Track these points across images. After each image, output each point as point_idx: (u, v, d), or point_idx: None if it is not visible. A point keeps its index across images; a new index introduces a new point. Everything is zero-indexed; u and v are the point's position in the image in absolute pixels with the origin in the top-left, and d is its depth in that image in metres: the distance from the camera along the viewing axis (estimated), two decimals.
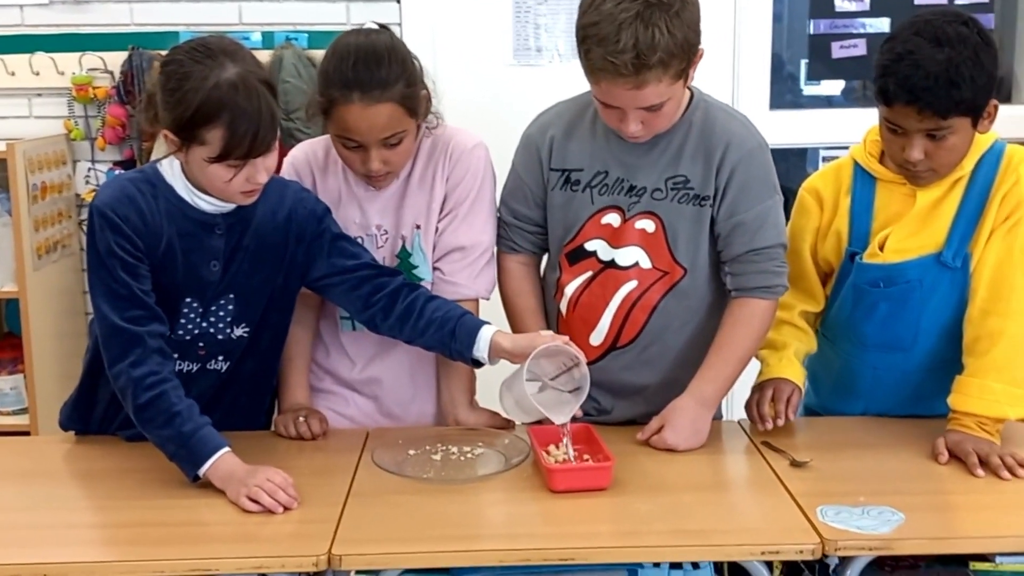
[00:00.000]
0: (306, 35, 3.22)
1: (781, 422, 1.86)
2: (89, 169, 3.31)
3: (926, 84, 1.70)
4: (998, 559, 1.55)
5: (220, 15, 3.23)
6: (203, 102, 1.61)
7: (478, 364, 1.87)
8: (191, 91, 1.62)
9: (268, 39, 3.22)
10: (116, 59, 3.24)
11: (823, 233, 1.94)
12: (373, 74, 1.78)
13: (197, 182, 1.74)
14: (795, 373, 1.92)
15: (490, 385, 1.93)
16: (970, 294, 1.83)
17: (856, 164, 1.92)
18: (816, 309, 1.99)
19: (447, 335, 1.84)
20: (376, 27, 1.87)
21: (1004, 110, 3.35)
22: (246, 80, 1.63)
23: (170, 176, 1.76)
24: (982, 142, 1.83)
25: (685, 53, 1.70)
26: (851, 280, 1.90)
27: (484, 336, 1.82)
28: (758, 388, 1.93)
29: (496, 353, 1.82)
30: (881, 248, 1.87)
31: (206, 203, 1.76)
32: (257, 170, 1.68)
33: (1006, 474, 1.67)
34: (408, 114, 1.83)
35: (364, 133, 1.81)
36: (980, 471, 1.68)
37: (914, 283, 1.85)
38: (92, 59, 3.24)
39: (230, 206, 1.77)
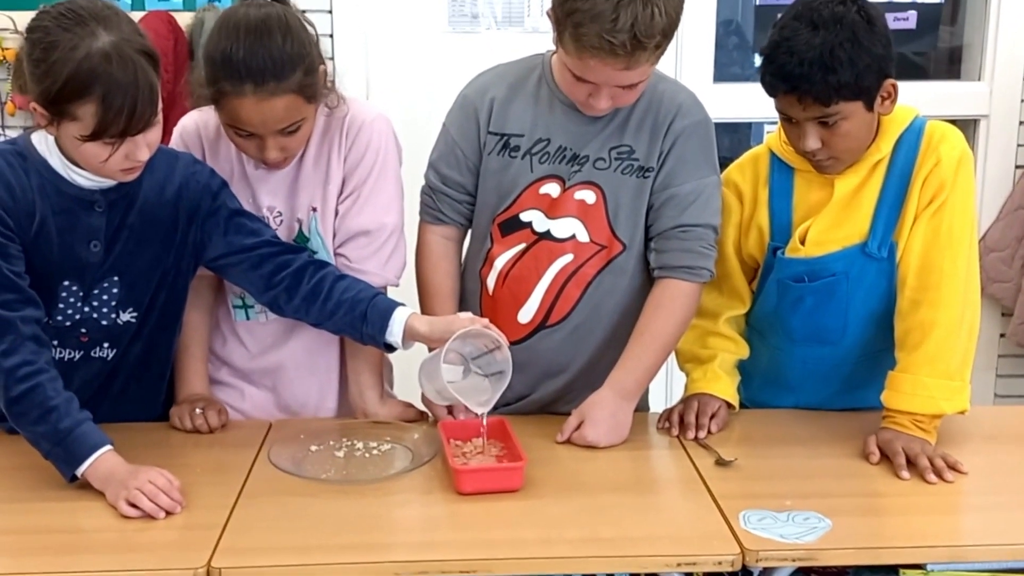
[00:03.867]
0: None
1: (703, 434, 1.76)
2: None
3: (800, 71, 1.61)
4: (929, 566, 1.47)
5: None
6: (72, 75, 1.47)
7: (391, 349, 1.75)
8: (58, 62, 1.47)
9: (190, 1, 3.02)
10: (26, 19, 3.01)
11: (745, 228, 1.84)
12: (267, 61, 1.61)
13: (72, 157, 1.59)
14: (722, 388, 1.82)
15: (410, 377, 1.81)
16: (899, 284, 1.73)
17: (772, 154, 1.81)
18: (743, 311, 1.89)
19: (358, 318, 1.71)
20: None
21: (952, 87, 3.27)
22: (120, 50, 1.48)
23: (44, 149, 1.61)
24: (899, 120, 1.72)
25: (673, 32, 1.62)
26: (774, 275, 1.80)
27: (398, 319, 1.70)
28: (683, 402, 1.83)
29: (411, 337, 1.70)
30: (802, 242, 1.77)
31: (83, 178, 1.61)
32: (137, 147, 1.54)
33: (932, 477, 1.59)
34: (307, 102, 1.69)
35: (259, 126, 1.66)
36: (905, 473, 1.60)
37: (839, 276, 1.75)
38: (1, 19, 3.03)
39: (110, 181, 1.62)
